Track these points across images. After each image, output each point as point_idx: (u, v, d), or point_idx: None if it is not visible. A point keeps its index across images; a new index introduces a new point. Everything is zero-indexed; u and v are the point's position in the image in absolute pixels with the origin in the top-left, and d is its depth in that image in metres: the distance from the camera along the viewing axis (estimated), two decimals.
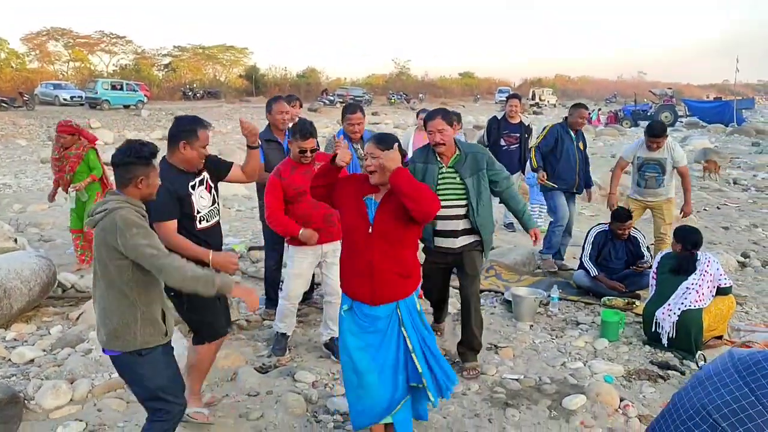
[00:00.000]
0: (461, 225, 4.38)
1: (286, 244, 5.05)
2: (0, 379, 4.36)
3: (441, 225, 4.36)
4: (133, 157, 2.84)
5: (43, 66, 53.76)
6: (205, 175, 3.76)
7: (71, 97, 36.97)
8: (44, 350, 4.88)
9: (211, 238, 3.74)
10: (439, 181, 4.31)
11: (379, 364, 3.31)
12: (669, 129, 6.93)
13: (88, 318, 5.31)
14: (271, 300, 5.52)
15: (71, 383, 4.18)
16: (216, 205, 3.85)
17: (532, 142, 8.05)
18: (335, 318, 4.31)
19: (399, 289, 3.31)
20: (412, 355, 3.30)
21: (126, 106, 36.81)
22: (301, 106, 6.81)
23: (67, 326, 5.35)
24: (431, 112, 4.45)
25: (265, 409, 3.99)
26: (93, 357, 4.55)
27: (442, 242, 4.43)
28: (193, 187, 3.66)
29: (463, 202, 4.35)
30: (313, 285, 5.73)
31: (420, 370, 3.29)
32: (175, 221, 3.55)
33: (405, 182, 3.15)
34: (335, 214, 4.28)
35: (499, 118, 8.79)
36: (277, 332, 4.84)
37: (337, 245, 4.45)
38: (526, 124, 8.86)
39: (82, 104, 36.39)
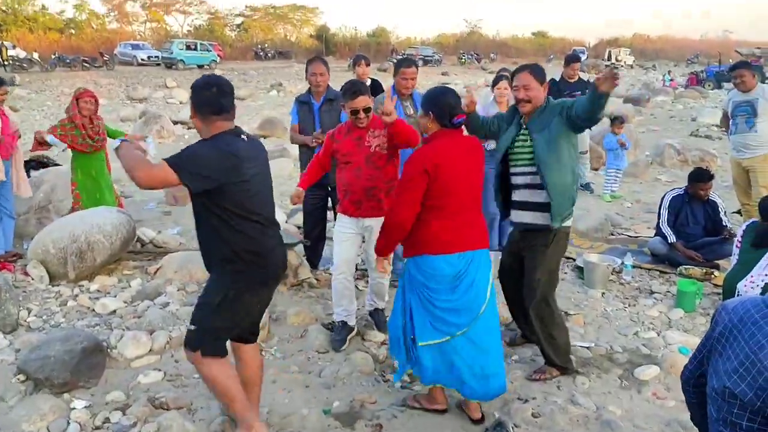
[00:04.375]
0: (533, 196, 3.79)
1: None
2: (85, 327, 4.58)
3: (515, 195, 3.90)
4: None
5: (122, 27, 55.35)
6: None
7: (148, 57, 38.04)
8: (125, 302, 5.10)
9: None
10: (515, 145, 3.84)
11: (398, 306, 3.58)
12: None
13: (165, 272, 5.51)
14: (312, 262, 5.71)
15: (150, 334, 4.36)
16: None
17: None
18: (379, 293, 4.40)
19: (404, 249, 3.49)
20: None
21: (200, 66, 37.61)
22: (368, 65, 6.76)
23: (146, 280, 5.57)
24: (520, 66, 3.98)
25: (334, 367, 4.07)
26: (170, 310, 4.74)
27: (515, 216, 3.95)
28: None
29: (533, 169, 3.75)
30: None
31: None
32: None
33: (392, 243, 3.52)
34: (382, 190, 4.12)
35: (557, 80, 8.68)
36: (336, 321, 4.48)
37: (380, 222, 3.86)
38: (585, 80, 8.83)
39: (158, 64, 37.40)
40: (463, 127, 3.49)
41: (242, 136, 2.93)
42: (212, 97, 2.87)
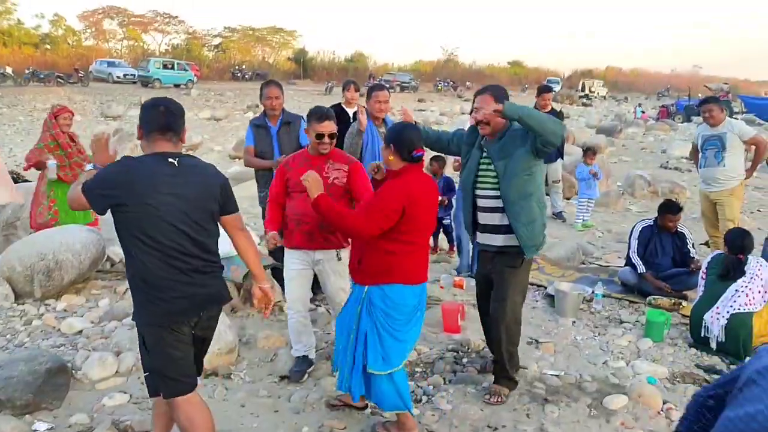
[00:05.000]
0: (503, 219, 3.83)
1: None
2: (50, 348, 4.49)
3: (481, 218, 3.94)
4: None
5: (98, 43, 55.05)
6: None
7: (124, 75, 37.87)
8: (92, 322, 5.01)
9: None
10: (480, 168, 3.88)
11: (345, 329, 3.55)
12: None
13: None
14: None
15: (117, 356, 4.29)
16: None
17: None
18: None
19: (362, 275, 3.43)
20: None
21: (176, 85, 37.52)
22: (357, 90, 6.79)
23: (115, 300, 5.49)
24: (482, 87, 4.01)
25: (304, 392, 4.03)
26: None
27: (483, 238, 3.97)
28: None
29: (498, 193, 3.82)
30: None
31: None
32: None
33: (324, 214, 3.31)
34: None
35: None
36: (297, 356, 4.33)
37: (331, 254, 4.09)
38: (558, 110, 9.20)
39: (134, 82, 37.22)
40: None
41: (172, 160, 2.77)
42: (157, 117, 2.81)
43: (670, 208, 6.16)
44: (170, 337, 2.79)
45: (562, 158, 9.24)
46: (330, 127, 3.97)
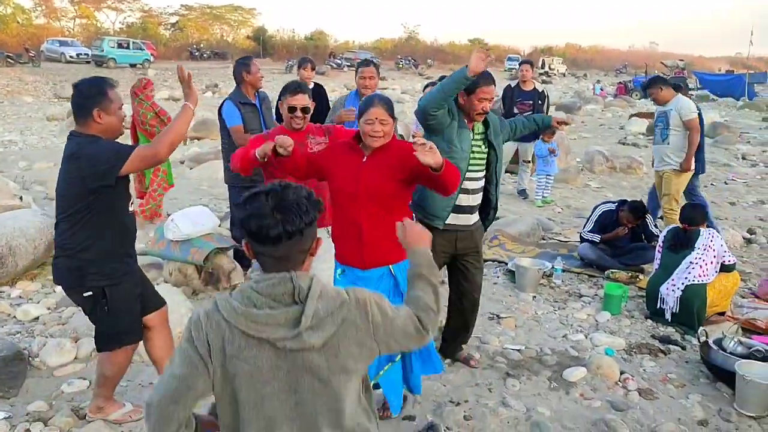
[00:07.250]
0: (476, 200, 3.94)
1: None
2: (5, 335, 4.39)
3: (464, 199, 3.87)
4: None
5: (49, 22, 53.40)
6: None
7: (77, 55, 36.91)
8: (49, 308, 4.91)
9: (133, 225, 3.34)
10: (472, 150, 3.83)
11: None
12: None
13: None
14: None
15: (75, 342, 4.22)
16: None
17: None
18: None
19: (391, 254, 3.23)
20: None
21: (132, 65, 36.74)
22: (313, 69, 6.69)
23: None
24: (487, 77, 3.77)
25: None
26: None
27: (458, 219, 3.89)
28: None
29: (483, 174, 3.93)
30: None
31: None
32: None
33: (453, 177, 3.09)
34: (327, 198, 3.60)
35: (513, 86, 8.86)
36: None
37: (324, 233, 3.73)
38: (540, 90, 8.93)
39: (88, 62, 36.34)
40: None
41: (68, 140, 3.10)
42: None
43: (633, 209, 6.18)
44: None
45: (537, 138, 9.12)
46: (303, 100, 3.90)
